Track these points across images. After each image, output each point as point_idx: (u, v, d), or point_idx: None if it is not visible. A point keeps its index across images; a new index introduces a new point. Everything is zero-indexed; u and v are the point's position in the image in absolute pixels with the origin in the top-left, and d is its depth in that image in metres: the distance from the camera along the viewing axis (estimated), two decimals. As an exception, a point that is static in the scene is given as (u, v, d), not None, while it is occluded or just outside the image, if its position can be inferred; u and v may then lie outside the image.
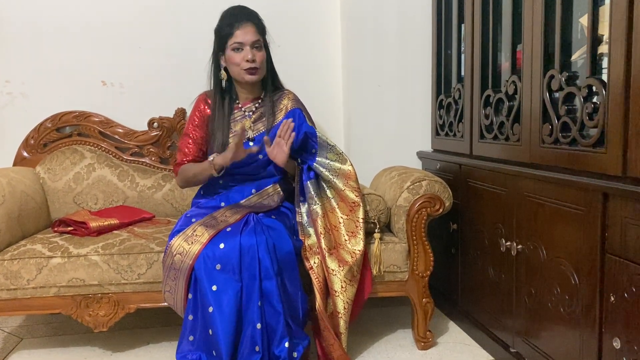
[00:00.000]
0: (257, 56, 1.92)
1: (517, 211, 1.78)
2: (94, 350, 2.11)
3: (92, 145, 2.54)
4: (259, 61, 1.93)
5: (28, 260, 1.90)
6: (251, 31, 1.91)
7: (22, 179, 2.25)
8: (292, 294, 1.80)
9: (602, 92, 1.38)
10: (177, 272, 1.77)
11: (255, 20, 1.93)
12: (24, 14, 2.53)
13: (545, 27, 1.64)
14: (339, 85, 2.77)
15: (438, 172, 2.37)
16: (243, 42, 1.90)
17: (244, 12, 1.94)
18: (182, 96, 2.57)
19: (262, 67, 1.96)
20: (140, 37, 2.61)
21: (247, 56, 1.90)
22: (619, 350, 1.33)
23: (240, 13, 1.93)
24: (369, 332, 2.22)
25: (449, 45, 2.45)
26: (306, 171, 1.97)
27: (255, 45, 1.92)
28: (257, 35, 1.92)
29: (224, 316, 1.68)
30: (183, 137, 2.09)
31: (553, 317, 1.60)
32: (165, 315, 2.39)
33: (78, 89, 2.59)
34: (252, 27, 1.91)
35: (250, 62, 1.91)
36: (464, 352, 2.04)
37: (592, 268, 1.41)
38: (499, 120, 1.94)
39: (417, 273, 2.03)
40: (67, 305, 1.94)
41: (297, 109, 2.04)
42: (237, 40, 1.91)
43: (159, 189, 2.49)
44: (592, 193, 1.40)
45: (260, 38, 1.93)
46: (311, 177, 1.96)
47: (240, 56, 1.91)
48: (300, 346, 1.78)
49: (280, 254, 1.78)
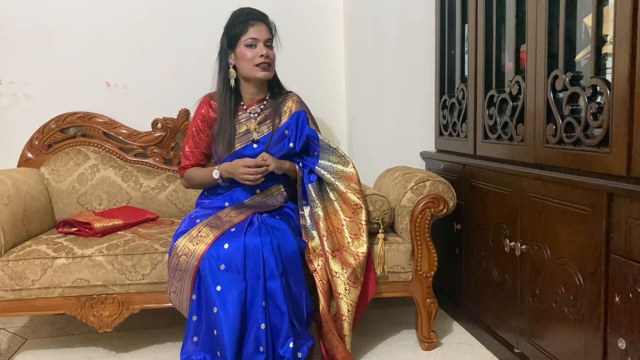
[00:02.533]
0: (269, 54, 1.96)
1: (521, 211, 1.77)
2: (98, 351, 2.12)
3: (96, 146, 2.54)
4: (271, 59, 1.97)
5: (33, 260, 1.91)
6: (265, 29, 1.95)
7: (26, 180, 2.25)
8: (297, 294, 1.80)
9: (606, 92, 1.38)
10: (182, 273, 1.77)
11: (267, 21, 1.98)
12: (28, 15, 2.54)
13: (549, 27, 1.63)
14: (342, 86, 2.77)
15: (441, 173, 2.37)
16: (258, 37, 1.93)
17: (257, 12, 1.98)
18: (186, 97, 2.57)
19: (274, 66, 2.00)
20: (144, 38, 2.62)
21: (262, 52, 1.92)
22: (624, 351, 1.33)
23: (254, 12, 1.98)
24: (372, 333, 2.22)
25: (453, 45, 2.45)
26: (307, 175, 1.97)
27: (268, 43, 1.96)
28: (270, 34, 1.96)
29: (228, 316, 1.69)
30: (186, 140, 2.10)
31: (557, 317, 1.60)
32: (170, 316, 2.39)
33: (82, 90, 2.60)
34: (265, 26, 1.96)
35: (265, 58, 1.93)
36: (468, 352, 2.04)
37: (597, 268, 1.41)
38: (503, 120, 1.94)
39: (421, 273, 2.03)
40: (72, 306, 1.95)
41: (301, 112, 2.04)
42: (251, 36, 1.93)
43: (162, 190, 2.50)
44: (596, 193, 1.40)
45: (272, 38, 1.98)
46: (312, 180, 1.96)
47: (254, 52, 1.93)
48: (304, 347, 1.78)
49: (284, 254, 1.78)
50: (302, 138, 2.00)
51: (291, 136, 2.01)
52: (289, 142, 2.00)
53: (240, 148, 1.99)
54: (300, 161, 2.01)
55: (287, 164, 1.97)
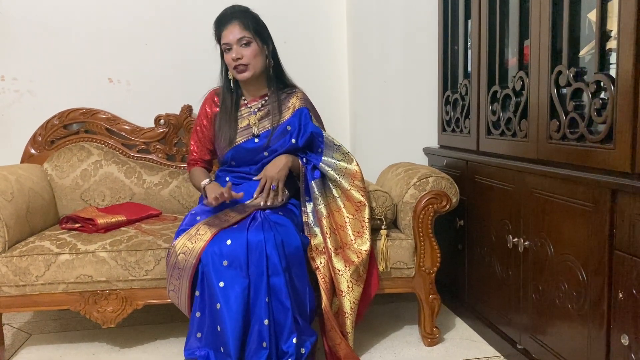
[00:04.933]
0: (243, 53, 1.91)
1: (524, 207, 1.77)
2: (102, 346, 2.12)
3: (99, 142, 2.55)
4: (247, 57, 1.91)
5: (36, 256, 1.92)
6: (236, 29, 1.90)
7: (29, 176, 2.26)
8: (300, 290, 1.80)
9: (610, 87, 1.38)
10: (180, 271, 1.78)
11: (240, 17, 1.91)
12: (31, 12, 2.54)
13: (553, 23, 1.63)
14: (345, 82, 2.77)
15: (445, 169, 2.36)
16: (229, 42, 1.91)
17: (229, 12, 1.93)
18: (189, 93, 2.58)
19: (253, 63, 1.93)
20: (146, 34, 2.62)
21: (233, 55, 1.91)
22: (627, 347, 1.33)
23: (226, 14, 1.93)
24: (375, 329, 2.22)
25: (456, 41, 2.44)
26: (310, 171, 1.97)
27: (242, 42, 1.90)
28: (243, 32, 1.90)
29: (231, 312, 1.69)
30: (192, 135, 2.15)
31: (560, 313, 1.60)
32: (173, 312, 2.40)
33: (85, 86, 2.60)
34: (236, 25, 1.90)
35: (236, 61, 1.91)
36: (470, 348, 2.04)
37: (600, 264, 1.41)
38: (506, 116, 1.94)
39: (424, 269, 2.03)
40: (76, 302, 1.95)
41: (304, 108, 2.04)
42: (224, 42, 1.92)
43: (165, 186, 2.50)
44: (600, 189, 1.40)
45: (247, 34, 1.90)
46: (316, 177, 1.97)
47: (229, 56, 1.93)
48: (307, 342, 1.78)
49: (288, 249, 1.78)
50: (304, 135, 2.01)
51: (293, 132, 2.01)
52: (291, 138, 2.00)
53: (242, 142, 2.01)
54: (304, 157, 2.01)
55: (289, 161, 1.96)
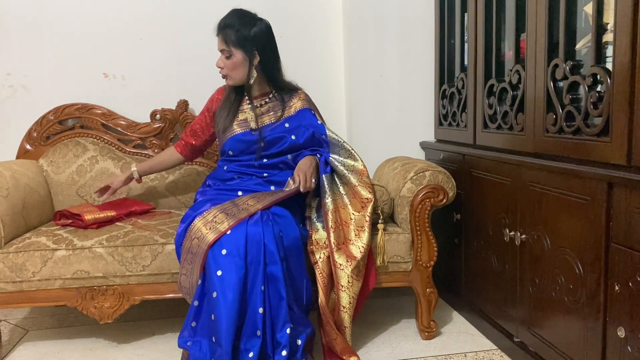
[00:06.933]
0: (225, 63, 2.01)
1: (521, 201, 1.77)
2: (99, 342, 2.12)
3: (95, 138, 2.54)
4: (227, 69, 2.02)
5: (33, 252, 1.91)
6: (220, 41, 2.00)
7: (25, 172, 2.25)
8: (298, 280, 1.81)
9: (606, 80, 1.38)
10: (194, 256, 1.78)
11: (222, 31, 1.99)
12: (26, 6, 2.52)
13: (550, 16, 1.62)
14: (341, 76, 2.76)
15: (441, 163, 2.36)
16: (218, 50, 2.02)
17: (220, 23, 2.01)
18: (185, 88, 2.57)
19: (231, 74, 2.02)
20: (142, 29, 2.60)
21: (218, 62, 2.02)
22: (623, 339, 1.33)
23: (218, 24, 2.01)
24: (372, 323, 2.23)
25: (452, 34, 2.44)
26: (323, 164, 2.00)
27: (224, 54, 2.01)
28: (222, 45, 2.00)
29: (227, 302, 1.68)
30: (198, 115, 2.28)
31: (557, 306, 1.60)
32: (170, 307, 2.40)
33: (80, 81, 2.58)
34: (220, 38, 2.00)
35: (220, 69, 2.03)
36: (467, 341, 2.05)
37: (597, 257, 1.41)
38: (503, 109, 1.94)
39: (421, 263, 2.03)
40: (72, 298, 1.95)
41: (306, 109, 2.09)
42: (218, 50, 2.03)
43: (162, 181, 2.50)
44: (596, 182, 1.40)
45: (226, 48, 1.99)
46: (327, 171, 2.00)
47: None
48: (303, 334, 1.77)
49: (286, 240, 1.78)
50: (306, 132, 2.04)
51: (292, 129, 2.03)
52: (290, 135, 2.02)
53: (239, 133, 2.05)
54: (316, 152, 2.04)
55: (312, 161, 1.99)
